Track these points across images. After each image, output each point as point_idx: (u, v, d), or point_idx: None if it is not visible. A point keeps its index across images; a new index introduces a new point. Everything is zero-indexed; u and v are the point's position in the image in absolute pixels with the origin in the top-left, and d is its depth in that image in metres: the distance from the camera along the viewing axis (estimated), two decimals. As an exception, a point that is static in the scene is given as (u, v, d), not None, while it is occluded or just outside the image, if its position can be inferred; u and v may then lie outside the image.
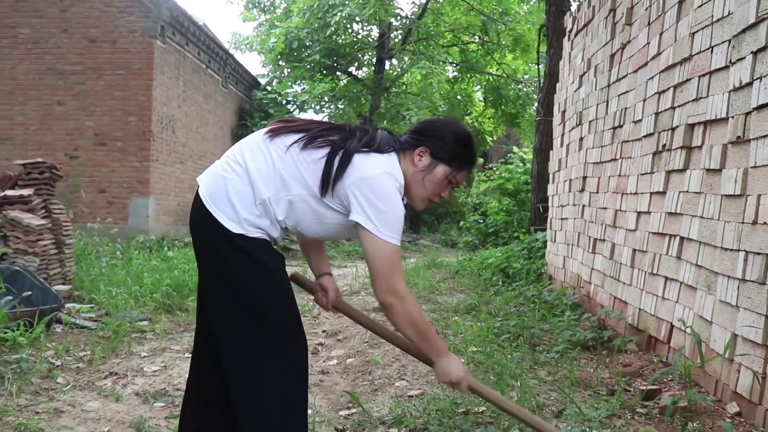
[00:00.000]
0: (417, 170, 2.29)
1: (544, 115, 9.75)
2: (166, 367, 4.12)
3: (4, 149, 11.27)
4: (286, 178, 2.17)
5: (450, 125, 2.41)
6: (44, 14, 11.23)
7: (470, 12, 18.96)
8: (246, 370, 2.20)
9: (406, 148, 2.32)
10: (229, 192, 2.16)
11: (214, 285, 2.24)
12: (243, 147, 2.26)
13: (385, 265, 2.13)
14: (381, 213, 2.11)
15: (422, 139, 2.31)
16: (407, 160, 2.30)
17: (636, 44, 5.08)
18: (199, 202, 2.21)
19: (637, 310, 4.65)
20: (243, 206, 2.15)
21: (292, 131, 2.24)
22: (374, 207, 2.11)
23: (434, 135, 2.33)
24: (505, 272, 8.18)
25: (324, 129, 2.26)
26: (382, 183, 2.14)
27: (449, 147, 2.31)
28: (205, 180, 2.25)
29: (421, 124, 2.45)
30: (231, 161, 2.23)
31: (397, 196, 2.17)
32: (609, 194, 5.53)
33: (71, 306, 5.12)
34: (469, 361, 4.14)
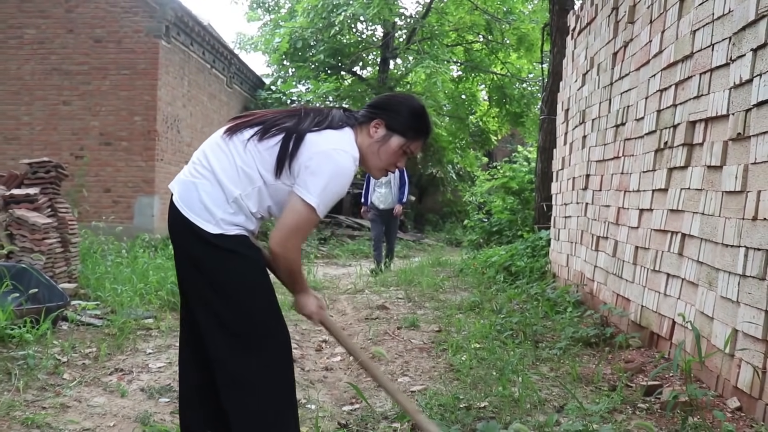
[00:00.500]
0: (372, 141, 2.40)
1: (547, 114, 9.75)
2: (171, 363, 4.15)
3: (10, 149, 11.34)
4: (249, 172, 2.26)
5: (405, 99, 2.52)
6: (50, 15, 11.28)
7: (474, 11, 18.96)
8: (232, 364, 2.27)
9: (363, 122, 2.42)
10: (202, 196, 2.24)
11: (196, 283, 2.32)
12: (205, 149, 2.34)
13: (294, 222, 2.23)
14: (318, 181, 2.20)
15: (377, 112, 2.42)
16: (363, 132, 2.41)
17: (638, 42, 5.10)
18: (175, 210, 2.29)
19: (640, 307, 4.67)
20: (217, 207, 2.24)
21: (248, 126, 2.33)
22: (314, 175, 2.21)
23: (389, 108, 2.43)
24: (508, 270, 8.19)
25: (278, 118, 2.35)
26: (331, 157, 2.23)
27: (404, 119, 2.41)
28: (176, 188, 2.33)
29: (377, 98, 2.55)
30: (197, 165, 2.31)
31: (342, 174, 2.25)
32: (612, 192, 5.55)
33: (77, 303, 5.15)
34: (471, 357, 4.16)
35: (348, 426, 3.15)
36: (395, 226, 10.68)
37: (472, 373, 3.85)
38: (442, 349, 4.54)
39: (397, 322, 5.65)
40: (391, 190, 10.10)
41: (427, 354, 4.46)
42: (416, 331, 5.28)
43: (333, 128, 2.32)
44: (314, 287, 7.98)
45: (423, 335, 5.07)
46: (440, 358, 4.33)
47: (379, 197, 10.12)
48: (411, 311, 6.21)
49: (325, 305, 2.58)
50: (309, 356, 4.53)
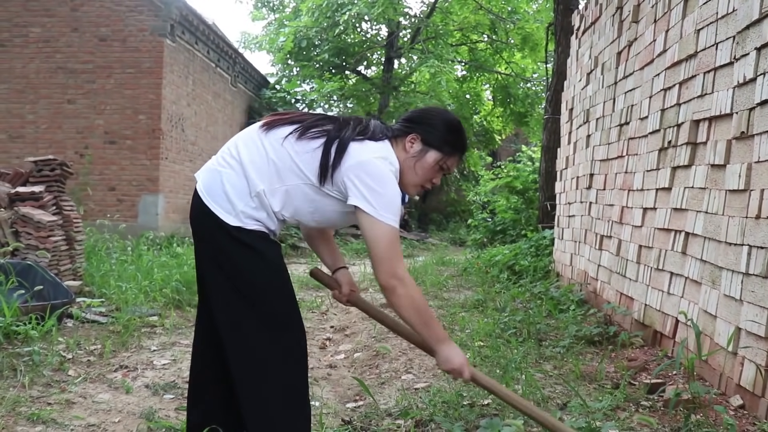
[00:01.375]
0: (408, 156, 2.34)
1: (551, 114, 9.76)
2: (176, 360, 4.18)
3: (15, 147, 11.37)
4: (280, 169, 2.22)
5: (440, 113, 2.47)
6: (55, 13, 11.32)
7: (479, 11, 18.96)
8: (246, 359, 2.26)
9: (398, 135, 2.37)
10: (225, 186, 2.21)
11: (213, 275, 2.30)
12: (238, 141, 2.31)
13: (386, 247, 2.16)
14: (378, 195, 2.15)
15: (413, 127, 2.37)
16: (399, 147, 2.35)
17: (642, 41, 5.10)
18: (197, 198, 2.27)
19: (643, 306, 4.68)
20: (239, 199, 2.20)
21: (287, 123, 2.30)
22: (371, 190, 2.15)
23: (425, 122, 2.38)
24: (512, 269, 8.20)
25: (318, 120, 2.31)
26: (378, 167, 2.19)
27: (440, 133, 2.36)
28: (202, 175, 2.31)
29: (412, 112, 2.50)
30: (226, 155, 2.29)
31: (393, 180, 2.21)
32: (615, 191, 5.56)
33: (82, 300, 5.18)
34: (475, 355, 4.17)
35: (352, 422, 3.16)
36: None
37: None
38: (445, 347, 4.54)
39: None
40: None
41: (430, 352, 4.47)
42: (420, 329, 5.28)
43: (374, 140, 2.28)
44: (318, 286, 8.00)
45: (426, 333, 5.07)
46: (444, 356, 4.33)
47: None
48: (415, 310, 6.22)
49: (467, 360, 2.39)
50: (313, 354, 4.53)
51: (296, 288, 7.45)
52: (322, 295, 7.36)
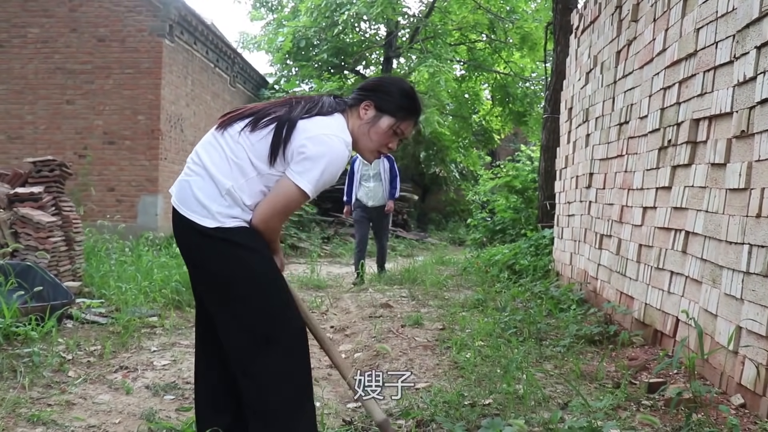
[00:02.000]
0: (363, 123, 2.41)
1: (551, 113, 9.75)
2: (176, 361, 4.17)
3: (14, 148, 11.36)
4: (241, 164, 2.27)
5: (394, 81, 2.54)
6: (53, 14, 11.30)
7: (477, 10, 18.96)
8: (247, 360, 2.28)
9: (352, 104, 2.44)
10: (195, 192, 2.27)
11: (205, 283, 2.38)
12: (198, 148, 2.38)
13: (283, 205, 2.27)
14: (313, 166, 2.22)
15: (367, 94, 2.44)
16: (354, 116, 2.43)
17: (642, 40, 5.10)
18: (174, 211, 2.33)
19: (643, 305, 4.67)
20: (211, 201, 2.25)
21: (239, 118, 2.35)
22: (309, 161, 2.22)
23: (379, 89, 2.46)
24: (512, 269, 8.20)
25: (269, 108, 2.37)
26: (324, 143, 2.25)
27: (394, 99, 2.42)
28: (174, 189, 2.37)
29: (366, 81, 2.56)
30: (191, 164, 2.36)
31: (337, 159, 2.26)
32: (615, 190, 5.55)
33: (82, 301, 5.17)
34: (475, 355, 4.17)
35: (353, 423, 3.16)
36: (387, 225, 9.48)
37: (477, 371, 3.85)
38: (446, 347, 4.55)
39: (401, 320, 5.65)
40: (381, 184, 8.87)
41: (431, 351, 4.47)
42: (420, 329, 5.28)
43: (324, 114, 2.34)
44: (318, 286, 8.00)
45: (427, 333, 5.07)
46: (444, 356, 4.33)
47: (368, 193, 8.87)
48: (415, 309, 6.21)
49: (284, 266, 2.59)
50: (313, 354, 4.47)
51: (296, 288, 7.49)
52: (321, 295, 7.36)
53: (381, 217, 9.03)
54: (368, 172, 8.89)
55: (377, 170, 8.85)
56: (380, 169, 8.83)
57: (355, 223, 9.27)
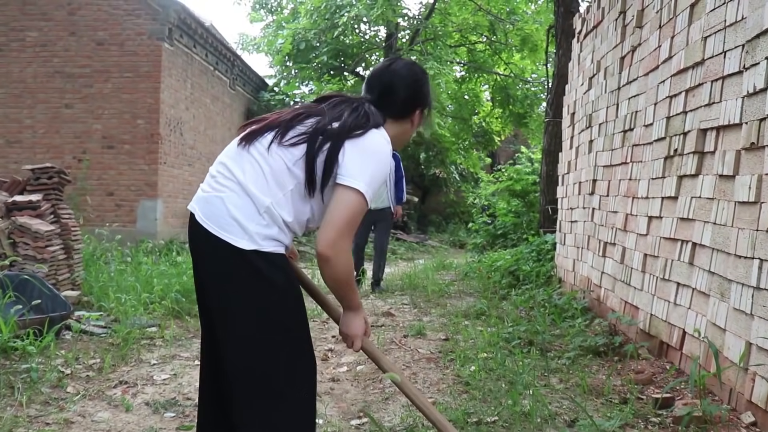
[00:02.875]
0: (413, 128, 2.35)
1: (553, 117, 9.70)
2: (176, 375, 4.11)
3: (13, 152, 11.30)
4: (279, 176, 2.06)
5: (417, 73, 2.35)
6: (52, 17, 11.24)
7: (478, 12, 18.90)
8: (249, 406, 2.09)
9: (400, 116, 2.30)
10: (231, 210, 2.03)
11: (225, 305, 2.09)
12: (225, 161, 2.15)
13: (346, 217, 2.00)
14: (363, 164, 2.04)
15: (418, 102, 2.32)
16: (399, 123, 2.30)
17: (647, 47, 5.04)
18: (200, 229, 2.08)
19: (649, 316, 4.62)
20: (249, 220, 2.02)
21: (266, 130, 2.14)
22: (358, 160, 2.04)
23: (420, 90, 2.32)
24: (514, 275, 8.14)
25: (297, 117, 2.15)
26: (372, 141, 2.10)
27: (428, 92, 2.35)
28: (199, 206, 2.12)
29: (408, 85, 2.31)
30: (219, 178, 2.11)
31: (386, 156, 2.12)
32: (619, 198, 5.50)
33: (81, 314, 5.11)
34: (479, 368, 4.11)
35: (356, 442, 3.11)
36: (388, 230, 8.75)
37: (481, 386, 3.80)
38: (449, 359, 4.49)
39: (403, 329, 5.60)
40: (385, 184, 7.98)
41: (434, 365, 4.41)
42: (423, 339, 5.23)
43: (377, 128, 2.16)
44: (319, 292, 7.93)
45: (430, 344, 5.02)
46: (448, 369, 4.28)
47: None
48: (417, 318, 6.16)
49: (370, 331, 2.38)
50: (315, 366, 4.46)
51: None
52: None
53: (384, 221, 8.30)
54: None
55: None
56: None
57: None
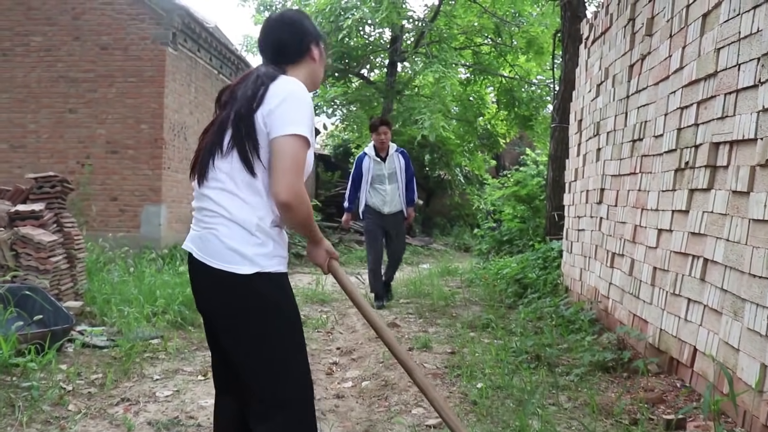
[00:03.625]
0: (318, 63, 2.40)
1: (559, 122, 9.61)
2: (179, 391, 4.05)
3: (17, 157, 11.26)
4: (247, 184, 2.13)
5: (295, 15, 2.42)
6: (56, 22, 11.19)
7: (483, 14, 18.82)
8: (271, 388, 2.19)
9: (297, 59, 2.34)
10: (226, 242, 2.11)
11: (236, 332, 2.17)
12: (199, 200, 2.22)
13: (293, 163, 2.06)
14: (293, 108, 2.10)
15: (308, 37, 2.36)
16: (302, 65, 2.35)
17: (657, 56, 4.96)
18: (202, 266, 2.15)
19: (658, 330, 4.54)
20: (245, 244, 2.11)
21: (207, 158, 2.19)
22: (287, 104, 2.10)
23: (306, 27, 2.37)
24: (520, 283, 8.06)
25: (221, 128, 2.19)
26: (283, 87, 2.16)
27: (313, 26, 2.41)
28: (195, 244, 2.20)
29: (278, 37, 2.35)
30: (206, 217, 2.19)
31: (305, 93, 2.19)
32: (628, 208, 5.42)
33: (83, 329, 5.05)
34: (487, 385, 4.04)
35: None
36: (404, 236, 8.34)
37: (489, 405, 3.73)
38: (456, 375, 4.42)
39: (408, 341, 5.53)
40: (397, 186, 7.69)
41: (441, 381, 4.34)
42: (429, 352, 5.16)
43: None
44: (323, 300, 7.87)
45: (436, 358, 4.95)
46: (455, 386, 4.21)
47: (383, 197, 7.62)
48: (422, 329, 6.10)
49: (338, 255, 2.53)
50: (319, 381, 4.41)
51: (301, 303, 7.39)
52: (327, 310, 7.25)
53: (397, 223, 7.81)
54: (382, 172, 7.64)
55: (393, 169, 7.68)
56: (396, 168, 7.68)
57: (368, 234, 7.89)
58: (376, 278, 7.66)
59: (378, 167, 7.65)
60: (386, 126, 7.78)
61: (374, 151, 7.72)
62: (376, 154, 7.71)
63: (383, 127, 7.69)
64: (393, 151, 7.77)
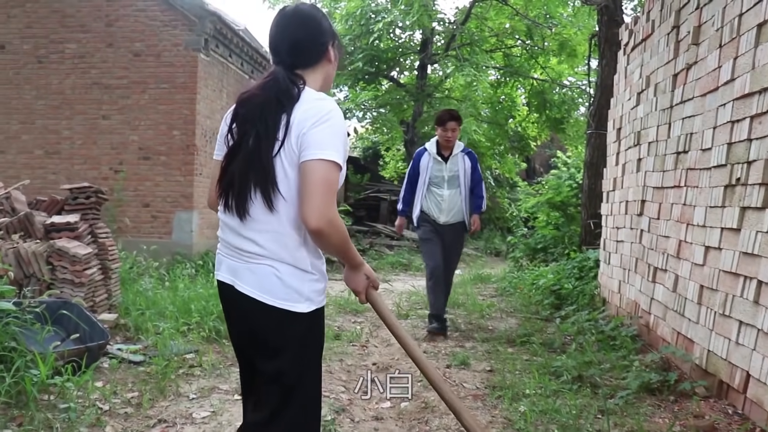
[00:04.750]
0: (333, 65, 2.31)
1: (595, 128, 9.44)
2: (216, 412, 3.98)
3: (51, 163, 11.35)
4: (291, 224, 2.07)
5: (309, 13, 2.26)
6: (90, 29, 11.26)
7: (515, 16, 18.63)
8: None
9: (315, 62, 2.24)
10: (284, 279, 2.09)
11: (282, 362, 2.16)
12: (238, 234, 2.14)
13: (324, 188, 1.97)
14: (323, 132, 2.01)
15: (324, 39, 2.25)
16: (318, 71, 2.25)
17: (704, 66, 4.80)
18: (250, 300, 2.10)
19: (706, 352, 4.39)
20: (302, 282, 2.10)
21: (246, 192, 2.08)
22: (316, 128, 2.01)
23: (319, 28, 2.24)
24: (556, 294, 7.91)
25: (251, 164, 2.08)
26: (319, 106, 2.07)
27: (329, 25, 2.28)
28: (239, 277, 2.13)
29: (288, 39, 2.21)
30: (253, 250, 2.11)
31: (340, 114, 2.09)
32: (672, 222, 5.26)
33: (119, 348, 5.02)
34: (530, 409, 3.92)
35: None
36: (459, 253, 6.94)
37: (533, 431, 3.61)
38: (497, 397, 4.31)
39: (445, 358, 5.42)
40: (459, 191, 6.45)
41: (482, 403, 4.23)
42: (467, 370, 5.05)
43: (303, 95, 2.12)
44: (356, 310, 7.79)
45: (475, 377, 4.84)
46: (497, 409, 4.09)
47: (440, 204, 6.43)
48: (459, 343, 5.98)
49: (378, 282, 2.46)
50: (357, 401, 4.32)
51: (334, 313, 7.32)
52: (360, 321, 7.17)
53: (456, 238, 6.60)
54: (441, 174, 6.46)
55: (455, 172, 6.46)
56: (459, 170, 6.46)
57: (423, 244, 6.63)
58: (435, 293, 6.36)
59: (437, 167, 6.46)
60: (456, 122, 6.43)
61: (436, 148, 6.52)
62: (438, 151, 6.50)
63: (452, 123, 6.39)
64: (458, 151, 6.51)
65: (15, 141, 11.44)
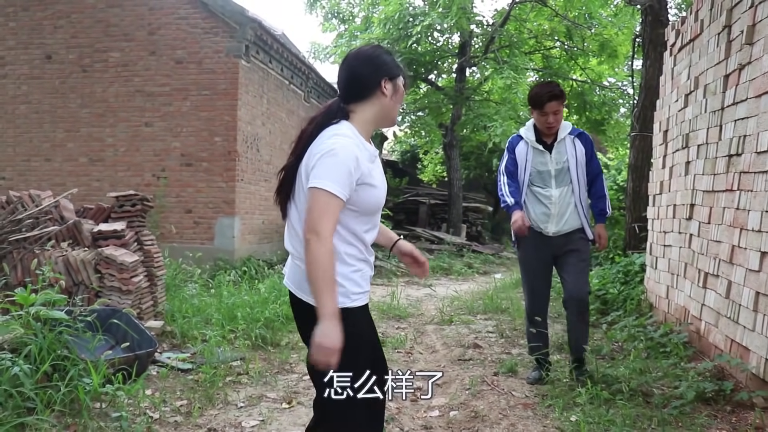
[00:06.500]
0: (388, 98, 2.41)
1: (639, 131, 9.27)
2: (265, 421, 3.98)
3: (95, 170, 11.55)
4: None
5: (372, 51, 2.47)
6: (133, 38, 11.44)
7: (554, 17, 18.44)
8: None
9: (361, 99, 2.40)
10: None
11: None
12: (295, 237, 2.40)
13: (319, 208, 2.19)
14: (323, 165, 2.22)
15: (377, 72, 2.39)
16: (369, 105, 2.40)
17: (759, 66, 4.66)
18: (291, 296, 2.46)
19: (763, 361, 4.25)
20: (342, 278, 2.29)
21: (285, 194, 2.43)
22: (319, 162, 2.23)
23: (378, 62, 2.41)
24: (602, 299, 7.78)
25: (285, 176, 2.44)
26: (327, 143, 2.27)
27: (392, 62, 2.44)
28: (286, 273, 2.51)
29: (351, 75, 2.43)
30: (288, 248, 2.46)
31: (344, 148, 2.24)
32: (724, 227, 5.13)
33: (168, 356, 5.07)
34: (582, 419, 3.85)
35: None
36: (586, 268, 4.91)
37: (586, 442, 3.55)
38: (547, 406, 4.24)
39: (492, 365, 5.36)
40: (571, 190, 4.75)
41: (532, 412, 4.17)
42: (515, 378, 4.99)
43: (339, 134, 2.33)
44: (399, 315, 7.76)
45: (524, 386, 4.77)
46: (548, 419, 4.03)
47: (546, 208, 4.75)
48: (505, 350, 5.92)
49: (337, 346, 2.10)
50: (405, 409, 4.29)
51: (377, 318, 7.29)
52: (404, 327, 7.14)
53: (575, 252, 4.78)
54: (546, 168, 4.78)
55: (563, 163, 4.75)
56: (568, 161, 4.75)
57: (523, 266, 5.00)
58: (535, 333, 4.89)
59: (540, 159, 4.79)
60: (557, 101, 4.67)
61: (534, 134, 4.84)
62: (538, 138, 4.83)
63: (552, 103, 4.66)
64: (565, 134, 4.81)
65: (60, 149, 11.68)
